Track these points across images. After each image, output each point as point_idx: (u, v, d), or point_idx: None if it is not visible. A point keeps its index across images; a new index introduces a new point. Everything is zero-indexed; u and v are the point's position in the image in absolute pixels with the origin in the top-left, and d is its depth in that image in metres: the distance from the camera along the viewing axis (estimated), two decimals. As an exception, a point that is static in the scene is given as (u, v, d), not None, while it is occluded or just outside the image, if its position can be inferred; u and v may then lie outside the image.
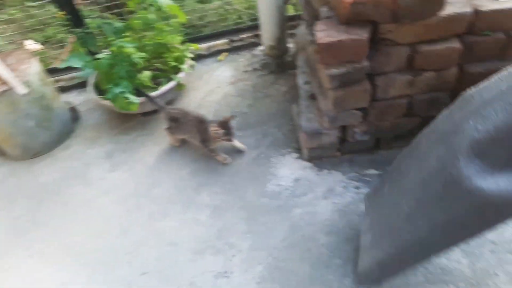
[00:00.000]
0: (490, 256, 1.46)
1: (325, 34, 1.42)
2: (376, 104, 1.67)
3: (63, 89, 2.71)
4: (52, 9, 2.99)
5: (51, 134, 2.30)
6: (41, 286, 1.66)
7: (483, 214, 0.99)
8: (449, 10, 1.41)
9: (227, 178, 1.94)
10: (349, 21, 1.44)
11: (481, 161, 0.96)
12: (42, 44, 3.06)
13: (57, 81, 2.75)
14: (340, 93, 1.56)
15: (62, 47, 3.12)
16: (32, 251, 1.81)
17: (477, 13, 1.41)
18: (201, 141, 2.00)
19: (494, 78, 0.98)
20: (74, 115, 2.49)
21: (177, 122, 2.04)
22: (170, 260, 1.64)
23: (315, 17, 1.66)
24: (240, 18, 3.08)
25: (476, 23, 1.44)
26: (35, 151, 2.29)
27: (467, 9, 1.41)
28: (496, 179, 0.94)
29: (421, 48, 1.49)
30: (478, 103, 0.99)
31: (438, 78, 1.60)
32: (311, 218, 1.70)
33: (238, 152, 2.07)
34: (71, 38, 2.38)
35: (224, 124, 1.90)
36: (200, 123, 1.98)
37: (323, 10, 1.54)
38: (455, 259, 1.46)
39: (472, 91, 1.03)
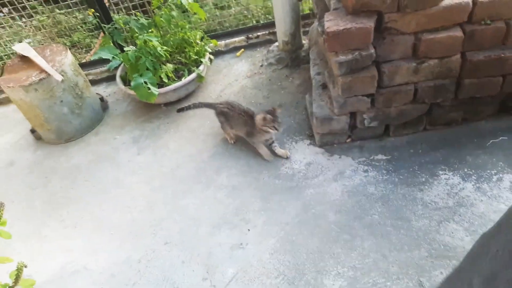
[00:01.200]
0: (492, 235, 1.52)
1: (333, 23, 1.54)
2: (383, 91, 1.76)
3: (93, 82, 2.92)
4: (79, 15, 3.19)
5: (83, 121, 2.49)
6: (74, 252, 1.84)
7: None
8: (449, 0, 1.50)
9: (244, 161, 2.07)
10: (355, 11, 1.55)
11: None
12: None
13: (87, 75, 2.95)
14: (348, 79, 1.67)
15: (88, 51, 3.33)
16: (67, 223, 1.99)
17: (475, 3, 1.50)
18: (246, 134, 2.05)
19: None
20: (103, 104, 2.68)
21: (226, 116, 2.09)
22: (191, 233, 1.79)
23: (325, 10, 1.78)
24: (257, 22, 3.22)
25: (475, 12, 1.53)
26: (68, 136, 2.49)
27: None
28: None
29: (425, 37, 1.58)
30: None
31: (442, 66, 1.68)
32: (322, 198, 1.80)
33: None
34: (101, 34, 2.57)
35: (272, 112, 1.92)
36: (249, 117, 2.00)
37: (332, 2, 1.66)
38: (459, 237, 1.51)
39: None
